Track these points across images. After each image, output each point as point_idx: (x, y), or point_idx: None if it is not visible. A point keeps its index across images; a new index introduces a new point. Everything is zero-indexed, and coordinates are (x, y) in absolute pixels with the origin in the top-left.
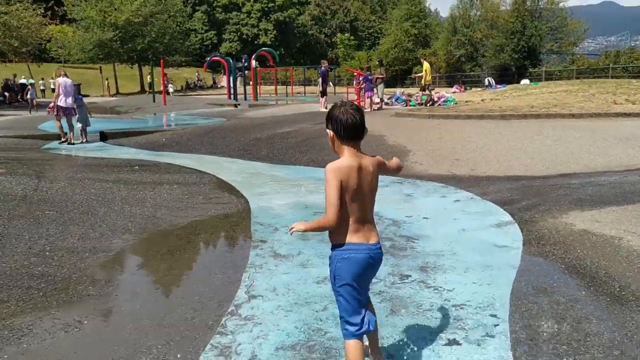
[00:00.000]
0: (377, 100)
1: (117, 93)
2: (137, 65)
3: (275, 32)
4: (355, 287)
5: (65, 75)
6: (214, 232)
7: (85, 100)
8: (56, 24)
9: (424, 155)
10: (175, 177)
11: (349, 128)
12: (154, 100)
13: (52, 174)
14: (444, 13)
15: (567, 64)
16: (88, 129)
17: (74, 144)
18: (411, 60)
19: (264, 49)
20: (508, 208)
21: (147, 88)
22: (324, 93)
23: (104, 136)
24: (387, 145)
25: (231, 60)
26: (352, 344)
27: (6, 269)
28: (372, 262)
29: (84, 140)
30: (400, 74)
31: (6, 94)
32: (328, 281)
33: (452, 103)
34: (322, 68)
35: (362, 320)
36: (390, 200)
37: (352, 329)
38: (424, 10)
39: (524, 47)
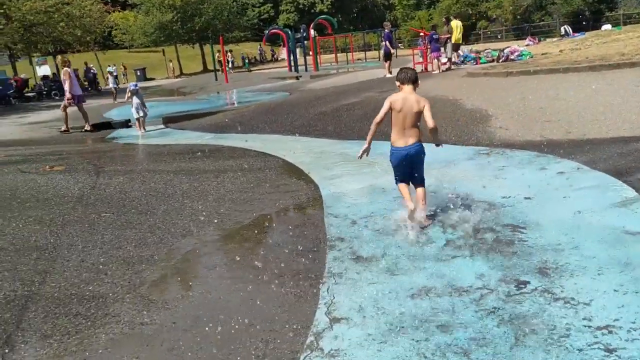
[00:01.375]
0: (445, 60)
1: (181, 74)
2: (198, 44)
3: None
4: (397, 169)
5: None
6: (283, 230)
7: (151, 83)
8: (118, 11)
9: (508, 119)
10: (239, 162)
11: (403, 77)
12: (216, 79)
13: (112, 168)
14: None
15: None
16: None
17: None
18: (474, 14)
19: (321, 17)
20: (628, 180)
21: (211, 67)
22: (387, 57)
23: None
24: (465, 110)
25: (290, 32)
26: (401, 185)
27: (55, 290)
28: (410, 155)
29: (142, 132)
30: (464, 31)
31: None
32: (426, 296)
33: (528, 57)
34: (386, 30)
35: (401, 180)
36: (479, 176)
37: (396, 179)
38: None
39: None
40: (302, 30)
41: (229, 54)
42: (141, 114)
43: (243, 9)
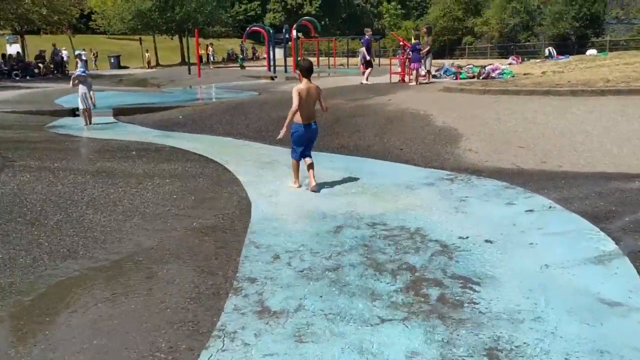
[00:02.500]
0: (423, 72)
1: (157, 65)
2: (178, 36)
3: (320, 1)
4: (299, 143)
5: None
6: (185, 262)
7: (124, 71)
8: None
9: (479, 141)
10: (174, 166)
11: (305, 69)
12: (189, 72)
13: (24, 163)
14: None
15: (635, 32)
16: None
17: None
18: (461, 29)
19: (305, 18)
20: (607, 227)
21: (188, 59)
22: (368, 64)
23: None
24: (435, 127)
25: (271, 30)
26: (295, 162)
27: None
28: (312, 130)
29: (86, 125)
30: (449, 45)
31: (40, 65)
32: None
33: (509, 76)
34: (366, 37)
35: (300, 153)
36: (437, 208)
37: (295, 155)
38: None
39: (586, 14)
40: (284, 30)
41: (209, 48)
42: (87, 105)
43: (231, 3)
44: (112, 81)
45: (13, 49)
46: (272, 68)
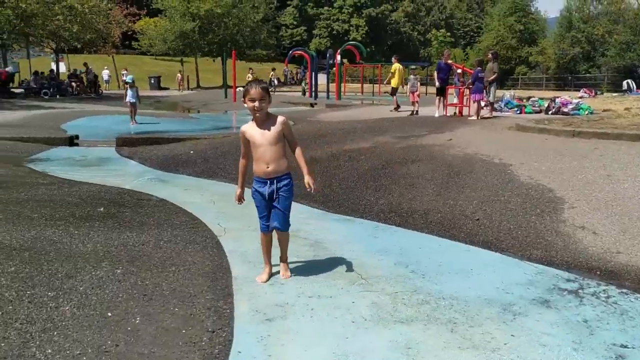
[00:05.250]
0: (484, 104)
1: (198, 87)
2: (220, 58)
3: (366, 28)
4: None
5: None
6: None
7: (162, 92)
8: (148, 17)
9: (592, 211)
10: (144, 238)
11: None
12: (225, 96)
13: None
14: (552, 14)
15: None
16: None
17: None
18: (514, 59)
19: (350, 42)
20: None
21: (225, 82)
22: (441, 91)
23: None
24: (519, 184)
25: (314, 54)
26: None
27: None
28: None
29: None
30: (501, 75)
31: (73, 84)
32: None
33: (587, 112)
34: (441, 61)
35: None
36: None
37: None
38: (529, 5)
39: None
40: (328, 55)
41: (250, 71)
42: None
43: (276, 27)
44: (144, 103)
45: (62, 67)
46: (313, 94)
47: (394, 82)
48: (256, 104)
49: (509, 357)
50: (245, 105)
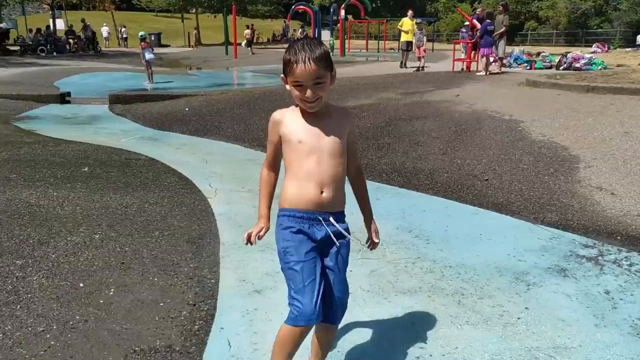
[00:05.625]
0: (492, 60)
1: (199, 44)
2: (221, 14)
3: None
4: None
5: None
6: None
7: (163, 49)
8: None
9: (610, 171)
10: (129, 200)
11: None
12: (226, 53)
13: None
14: None
15: None
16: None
17: None
18: (524, 13)
19: None
20: None
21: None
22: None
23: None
24: (530, 142)
25: (317, 10)
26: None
27: None
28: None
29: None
30: (510, 30)
31: (71, 41)
32: None
33: (600, 67)
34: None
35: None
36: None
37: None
38: None
39: None
40: (332, 11)
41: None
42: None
43: None
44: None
45: (60, 24)
46: None
47: (408, 36)
48: (308, 93)
49: (523, 333)
50: (287, 87)
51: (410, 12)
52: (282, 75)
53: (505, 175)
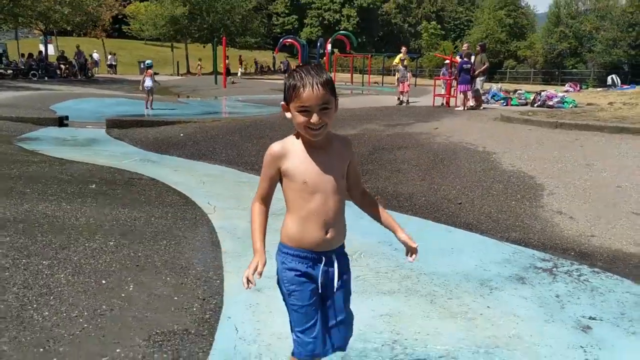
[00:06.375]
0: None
1: (188, 73)
2: (210, 44)
3: (357, 18)
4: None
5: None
6: None
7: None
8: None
9: (570, 198)
10: (136, 214)
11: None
12: (215, 82)
13: None
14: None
15: None
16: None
17: None
18: (503, 52)
19: (341, 32)
20: None
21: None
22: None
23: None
24: (501, 171)
25: (304, 43)
26: None
27: None
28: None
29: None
30: (490, 68)
31: (62, 66)
32: None
33: (571, 105)
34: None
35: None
36: (547, 346)
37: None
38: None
39: None
40: (319, 44)
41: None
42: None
43: (269, 15)
44: (133, 86)
45: (50, 49)
46: None
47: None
48: (314, 118)
49: (484, 326)
50: (287, 115)
51: (404, 49)
52: (283, 102)
53: (476, 199)
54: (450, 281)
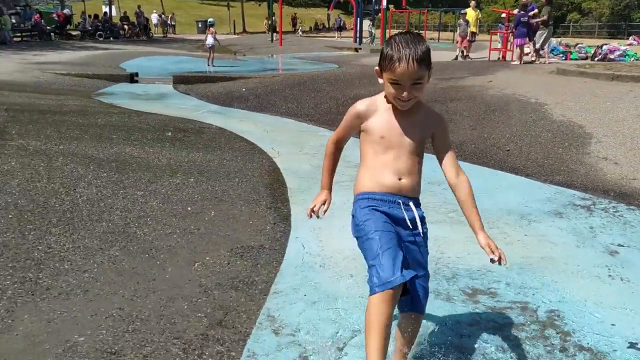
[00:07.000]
0: (528, 50)
1: (244, 32)
2: (266, 3)
3: None
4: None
5: None
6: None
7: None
8: None
9: (617, 145)
10: (210, 157)
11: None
12: (271, 40)
13: (21, 142)
14: None
15: None
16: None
17: None
18: (566, 5)
19: None
20: None
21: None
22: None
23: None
24: (551, 121)
25: (360, 0)
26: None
27: None
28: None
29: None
30: (553, 22)
31: (125, 26)
32: None
33: (633, 58)
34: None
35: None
36: (576, 266)
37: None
38: None
39: None
40: (374, 1)
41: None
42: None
43: None
44: (194, 45)
45: (113, 11)
46: (357, 40)
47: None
48: (404, 94)
49: (521, 250)
50: (380, 81)
51: (472, 3)
52: (377, 67)
53: (524, 147)
54: (493, 215)
